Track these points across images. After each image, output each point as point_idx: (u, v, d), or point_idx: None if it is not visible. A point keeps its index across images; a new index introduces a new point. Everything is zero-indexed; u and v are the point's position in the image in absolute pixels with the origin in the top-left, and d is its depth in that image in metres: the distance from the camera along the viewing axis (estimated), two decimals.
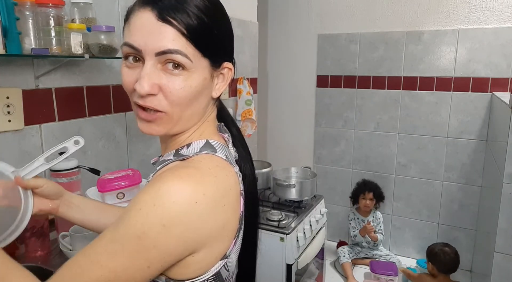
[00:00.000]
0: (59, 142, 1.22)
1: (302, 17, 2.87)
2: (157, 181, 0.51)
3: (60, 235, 1.07)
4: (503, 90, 2.33)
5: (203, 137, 0.62)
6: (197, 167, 0.55)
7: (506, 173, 1.57)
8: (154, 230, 0.48)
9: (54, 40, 1.04)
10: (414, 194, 2.70)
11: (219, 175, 0.55)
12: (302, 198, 1.88)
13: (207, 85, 0.59)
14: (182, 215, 0.49)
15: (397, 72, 2.61)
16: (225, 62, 0.62)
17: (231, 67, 0.63)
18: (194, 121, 0.62)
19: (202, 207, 0.51)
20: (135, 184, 1.16)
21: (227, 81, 0.63)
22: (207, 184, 0.53)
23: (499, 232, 1.62)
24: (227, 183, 0.57)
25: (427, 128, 2.59)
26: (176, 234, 0.49)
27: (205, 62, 0.57)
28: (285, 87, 3.03)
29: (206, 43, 0.56)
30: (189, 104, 0.58)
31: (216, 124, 0.67)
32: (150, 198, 0.49)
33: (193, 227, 0.50)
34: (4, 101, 1.05)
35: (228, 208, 0.56)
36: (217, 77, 0.62)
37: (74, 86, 1.27)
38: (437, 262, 2.02)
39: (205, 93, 0.60)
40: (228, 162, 0.59)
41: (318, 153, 2.98)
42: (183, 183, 0.51)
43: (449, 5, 2.41)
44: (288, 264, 1.60)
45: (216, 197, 0.53)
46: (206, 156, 0.58)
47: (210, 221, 0.53)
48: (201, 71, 0.57)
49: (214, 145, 0.61)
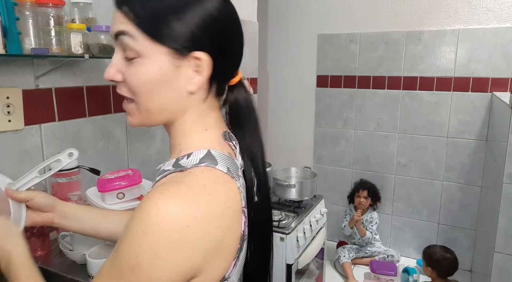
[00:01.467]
0: (59, 142, 1.22)
1: (302, 17, 2.87)
2: (147, 202, 0.48)
3: (60, 235, 1.07)
4: (503, 90, 2.33)
5: (204, 147, 0.57)
6: (190, 184, 0.51)
7: (506, 173, 1.57)
8: (146, 261, 0.46)
9: (54, 40, 1.04)
10: (414, 194, 2.70)
11: (215, 193, 0.51)
12: (302, 198, 1.88)
13: (167, 74, 0.54)
14: (172, 242, 0.46)
15: (397, 72, 2.61)
16: (193, 51, 0.54)
17: (202, 56, 0.54)
18: (170, 116, 0.58)
19: (194, 231, 0.47)
20: (135, 184, 1.16)
21: (203, 73, 0.55)
22: (200, 205, 0.49)
23: (499, 232, 1.62)
24: (224, 202, 0.52)
25: (427, 128, 2.59)
26: (169, 263, 0.47)
27: (160, 49, 0.53)
28: (285, 87, 3.03)
29: (159, 28, 0.53)
30: (149, 93, 0.55)
31: (221, 131, 0.62)
32: (138, 225, 0.47)
33: (186, 254, 0.48)
34: (4, 101, 1.05)
35: (225, 228, 0.52)
36: (188, 69, 0.55)
37: (74, 86, 1.27)
38: (438, 268, 2.02)
39: (171, 84, 0.55)
40: (230, 175, 0.55)
41: (318, 153, 2.98)
42: (172, 204, 0.47)
43: (449, 5, 2.41)
44: (288, 264, 1.60)
45: (209, 219, 0.49)
46: (204, 170, 0.53)
47: (204, 245, 0.49)
48: (156, 58, 0.53)
49: (215, 156, 0.56)
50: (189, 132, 0.59)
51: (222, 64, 0.57)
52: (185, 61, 0.55)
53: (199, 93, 0.58)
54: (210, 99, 0.60)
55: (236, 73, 0.62)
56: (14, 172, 1.10)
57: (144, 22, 0.53)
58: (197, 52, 0.54)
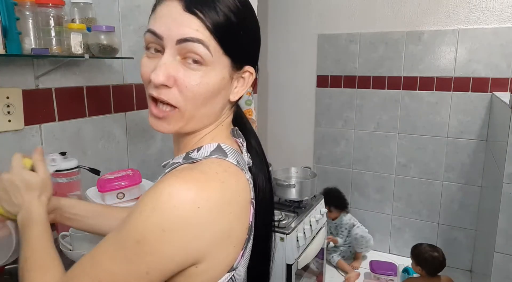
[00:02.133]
0: (59, 142, 1.22)
1: (302, 17, 2.87)
2: (161, 183, 0.49)
3: (60, 235, 1.07)
4: (503, 90, 2.33)
5: (215, 141, 0.60)
6: (203, 170, 0.52)
7: (506, 173, 1.57)
8: (153, 235, 0.47)
9: (54, 40, 1.04)
10: (414, 194, 2.70)
11: (226, 181, 0.53)
12: (302, 198, 1.88)
13: (225, 85, 0.58)
14: (182, 220, 0.47)
15: (397, 72, 2.61)
16: (247, 65, 0.60)
17: (253, 71, 0.61)
18: (208, 122, 0.60)
19: (205, 213, 0.49)
20: (135, 184, 1.16)
21: (247, 85, 0.62)
22: (212, 189, 0.50)
23: (499, 232, 1.62)
24: (235, 190, 0.54)
25: (427, 128, 2.59)
26: (176, 240, 0.47)
27: (226, 61, 0.56)
28: (285, 87, 3.03)
29: (230, 41, 0.55)
30: (203, 103, 0.56)
31: (230, 129, 0.65)
32: (151, 201, 0.48)
33: (194, 233, 0.48)
34: (4, 101, 1.05)
35: (234, 216, 0.53)
36: (236, 80, 0.60)
37: (74, 86, 1.27)
38: (427, 267, 2.06)
39: (222, 94, 0.58)
40: (240, 167, 0.57)
41: (318, 153, 2.98)
42: (185, 186, 0.49)
43: (449, 5, 2.41)
44: (288, 264, 1.60)
45: (220, 204, 0.51)
46: (215, 160, 0.55)
47: (213, 229, 0.50)
48: (220, 70, 0.56)
49: (225, 149, 0.58)
50: (207, 130, 0.62)
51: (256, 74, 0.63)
52: (239, 74, 0.60)
53: (233, 102, 0.63)
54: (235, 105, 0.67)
55: None
56: None
57: (219, 31, 0.53)
58: (249, 67, 0.61)
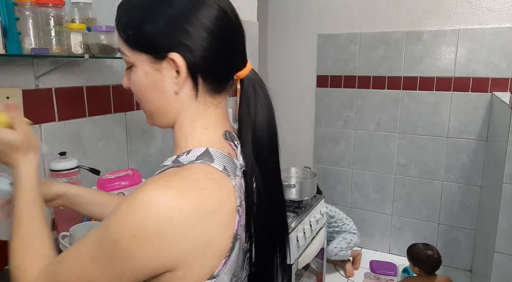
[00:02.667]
0: (59, 142, 1.22)
1: (302, 17, 2.87)
2: (139, 189, 0.50)
3: (60, 235, 1.07)
4: (503, 90, 2.33)
5: (203, 145, 0.58)
6: (184, 176, 0.52)
7: (506, 173, 1.57)
8: (125, 240, 0.47)
9: (54, 40, 1.04)
10: (414, 194, 2.70)
11: (207, 188, 0.52)
12: (302, 198, 1.88)
13: (154, 79, 0.58)
14: (153, 228, 0.47)
15: (397, 72, 2.61)
16: (169, 53, 0.56)
17: (174, 57, 0.55)
18: (168, 116, 0.61)
19: (178, 222, 0.48)
20: (135, 184, 1.16)
21: (181, 74, 0.57)
22: (189, 197, 0.50)
23: (499, 232, 1.62)
24: (216, 198, 0.53)
25: (427, 128, 2.59)
26: (147, 248, 0.48)
27: (142, 56, 0.58)
28: (285, 87, 3.03)
29: (135, 38, 0.58)
30: (145, 99, 0.61)
31: (223, 130, 0.62)
32: (126, 206, 0.49)
33: (165, 242, 0.48)
34: (4, 101, 1.05)
35: (215, 225, 0.52)
36: (171, 71, 0.57)
37: (74, 86, 1.27)
38: (425, 266, 2.06)
39: (158, 88, 0.59)
40: (226, 174, 0.55)
41: (318, 153, 2.98)
42: (162, 194, 0.49)
43: (449, 5, 2.41)
44: (288, 264, 1.60)
45: (197, 212, 0.50)
46: (199, 166, 0.54)
47: (188, 238, 0.49)
48: (141, 66, 0.59)
49: (213, 154, 0.57)
50: (189, 131, 0.61)
51: (204, 63, 0.57)
52: (164, 64, 0.57)
53: (186, 93, 0.59)
54: (204, 98, 0.61)
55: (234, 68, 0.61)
56: None
57: (126, 35, 0.59)
58: (171, 54, 0.56)
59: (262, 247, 0.62)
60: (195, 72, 0.57)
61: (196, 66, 0.57)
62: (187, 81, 0.58)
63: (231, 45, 0.60)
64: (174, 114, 0.61)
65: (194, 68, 0.57)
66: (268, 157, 0.64)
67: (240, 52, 0.62)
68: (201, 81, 0.59)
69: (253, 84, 0.63)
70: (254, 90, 0.62)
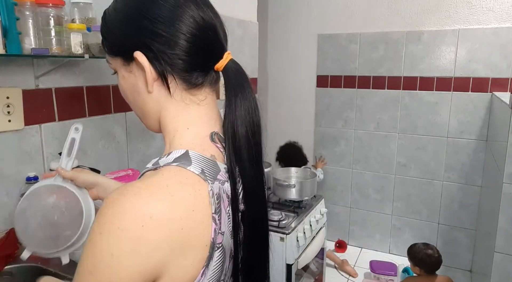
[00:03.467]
0: (59, 142, 1.22)
1: (302, 17, 2.87)
2: (105, 203, 0.48)
3: None
4: (503, 90, 2.33)
5: (184, 146, 0.55)
6: (153, 182, 0.50)
7: (506, 173, 1.57)
8: (103, 262, 0.45)
9: (54, 40, 1.04)
10: (414, 194, 2.70)
11: (177, 194, 0.49)
12: (302, 198, 1.88)
13: (131, 82, 0.59)
14: (129, 241, 0.45)
15: (397, 72, 2.61)
16: (134, 52, 0.55)
17: (136, 55, 0.55)
18: (152, 117, 0.61)
19: (151, 231, 0.46)
20: None
21: (146, 72, 0.55)
22: (157, 204, 0.47)
23: (499, 232, 1.62)
24: (189, 204, 0.49)
25: (427, 128, 2.59)
26: (127, 264, 0.45)
27: (118, 60, 0.59)
28: (285, 87, 3.03)
29: (107, 42, 0.60)
30: (130, 102, 0.63)
31: (209, 131, 0.59)
32: (97, 225, 0.47)
33: (144, 253, 0.46)
34: (4, 101, 1.05)
35: (188, 232, 0.49)
36: (140, 71, 0.57)
37: (74, 86, 1.27)
38: (425, 266, 2.06)
39: (136, 90, 0.59)
40: (202, 178, 0.52)
41: (318, 153, 2.98)
42: (128, 205, 0.46)
43: (449, 5, 2.41)
44: (288, 264, 1.60)
45: (168, 220, 0.47)
46: (173, 169, 0.52)
47: (165, 246, 0.47)
48: (120, 70, 0.60)
49: (192, 157, 0.54)
50: (171, 130, 0.59)
51: (170, 58, 0.55)
52: (134, 65, 0.58)
53: (160, 91, 0.58)
54: (181, 95, 0.58)
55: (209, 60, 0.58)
56: (14, 172, 1.10)
57: (104, 42, 0.61)
58: (135, 52, 0.55)
59: (248, 255, 0.59)
60: (162, 69, 0.56)
61: (161, 62, 0.55)
62: (159, 80, 0.57)
63: (199, 36, 0.56)
64: (154, 114, 0.60)
65: (160, 65, 0.55)
66: (247, 157, 0.58)
67: (213, 42, 0.58)
68: (171, 77, 0.56)
69: (234, 78, 0.58)
70: (234, 85, 0.58)
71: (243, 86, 0.58)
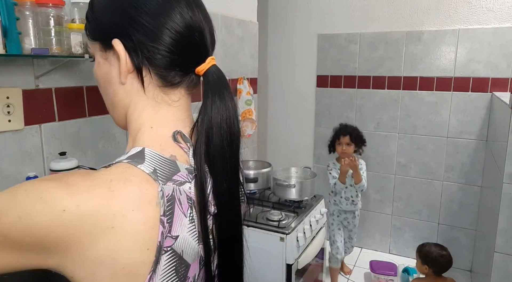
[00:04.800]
0: (59, 142, 1.22)
1: (302, 17, 2.87)
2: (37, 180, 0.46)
3: None
4: (503, 90, 2.33)
5: (142, 144, 0.53)
6: (96, 176, 0.47)
7: (506, 173, 1.57)
8: (9, 217, 0.43)
9: (54, 40, 1.04)
10: (414, 194, 2.70)
11: (118, 191, 0.46)
12: (302, 198, 1.88)
13: (105, 70, 0.57)
14: (41, 215, 0.42)
15: (397, 72, 2.61)
16: (113, 40, 0.53)
17: (114, 43, 0.53)
18: (118, 111, 0.59)
19: (70, 219, 0.42)
20: None
21: (121, 61, 0.53)
22: (92, 196, 0.44)
23: (499, 232, 1.62)
24: (129, 203, 0.46)
25: (427, 128, 2.59)
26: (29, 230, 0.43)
27: (96, 46, 0.57)
28: (285, 87, 3.03)
29: (90, 25, 0.58)
30: (102, 92, 0.60)
31: (172, 131, 0.55)
32: (29, 184, 0.45)
33: (51, 233, 0.43)
34: (4, 101, 1.05)
35: (122, 233, 0.45)
36: (116, 60, 0.55)
37: (74, 86, 1.27)
38: (436, 266, 2.05)
39: (108, 79, 0.57)
40: (152, 177, 0.48)
41: (318, 153, 2.98)
42: (61, 187, 0.44)
43: (449, 5, 2.41)
44: (288, 264, 1.60)
45: (97, 214, 0.43)
46: (122, 166, 0.49)
47: (86, 243, 0.43)
48: (96, 56, 0.58)
49: (147, 155, 0.51)
50: (134, 129, 0.56)
51: (149, 52, 0.53)
52: (111, 53, 0.55)
53: (133, 84, 0.55)
54: (154, 92, 0.56)
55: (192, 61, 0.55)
56: (14, 172, 1.10)
57: (86, 25, 0.59)
58: (114, 40, 0.53)
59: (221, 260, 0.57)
60: (138, 61, 0.53)
61: (139, 54, 0.53)
62: (134, 72, 0.55)
63: (183, 35, 0.54)
64: (123, 108, 0.57)
65: (137, 56, 0.53)
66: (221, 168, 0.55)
67: (197, 44, 0.55)
68: (146, 71, 0.54)
69: (213, 84, 0.55)
70: (212, 91, 0.55)
71: (223, 93, 0.55)
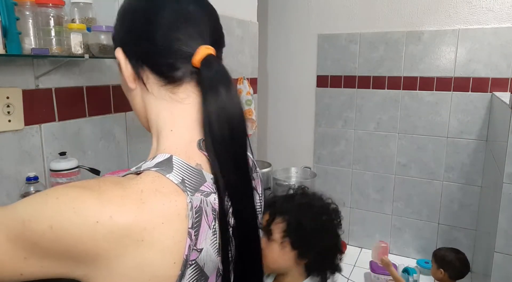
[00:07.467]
0: (59, 142, 1.22)
1: (302, 17, 2.87)
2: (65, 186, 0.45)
3: None
4: (503, 90, 2.33)
5: (168, 151, 0.52)
6: (128, 185, 0.46)
7: (506, 173, 1.57)
8: (40, 225, 0.42)
9: (54, 40, 1.04)
10: (414, 194, 2.70)
11: (149, 202, 0.45)
12: None
13: (122, 77, 0.59)
14: (73, 227, 0.42)
15: (397, 72, 2.61)
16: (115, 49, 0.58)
17: (116, 51, 0.57)
18: (140, 116, 0.61)
19: (102, 232, 0.42)
20: None
21: (121, 65, 0.57)
22: (124, 208, 0.43)
23: (499, 232, 1.62)
24: (159, 215, 0.45)
25: (427, 128, 2.59)
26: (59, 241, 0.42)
27: (118, 52, 0.57)
28: (285, 87, 3.03)
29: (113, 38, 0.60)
30: (128, 99, 0.62)
31: (195, 137, 0.54)
32: (60, 192, 0.44)
33: (82, 245, 0.42)
34: (4, 101, 1.05)
35: (151, 246, 0.44)
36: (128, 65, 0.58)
37: (74, 86, 1.27)
38: (451, 270, 2.00)
39: (127, 87, 0.60)
40: (181, 188, 0.47)
41: (318, 153, 2.98)
42: (94, 196, 0.43)
43: (449, 5, 2.41)
44: None
45: (129, 226, 0.43)
46: (152, 174, 0.48)
47: (115, 255, 0.43)
48: (120, 62, 0.58)
49: (175, 163, 0.49)
50: (155, 131, 0.58)
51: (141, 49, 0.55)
52: None
53: (139, 87, 0.58)
54: (158, 90, 0.56)
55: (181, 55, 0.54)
56: (14, 172, 1.10)
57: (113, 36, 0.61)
58: (116, 49, 0.57)
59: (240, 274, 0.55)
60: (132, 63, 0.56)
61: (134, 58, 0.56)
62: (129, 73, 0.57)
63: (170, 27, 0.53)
64: (142, 112, 0.60)
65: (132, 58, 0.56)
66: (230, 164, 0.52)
67: (189, 35, 0.54)
68: (146, 73, 0.56)
69: (213, 77, 0.53)
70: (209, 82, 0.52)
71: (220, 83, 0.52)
